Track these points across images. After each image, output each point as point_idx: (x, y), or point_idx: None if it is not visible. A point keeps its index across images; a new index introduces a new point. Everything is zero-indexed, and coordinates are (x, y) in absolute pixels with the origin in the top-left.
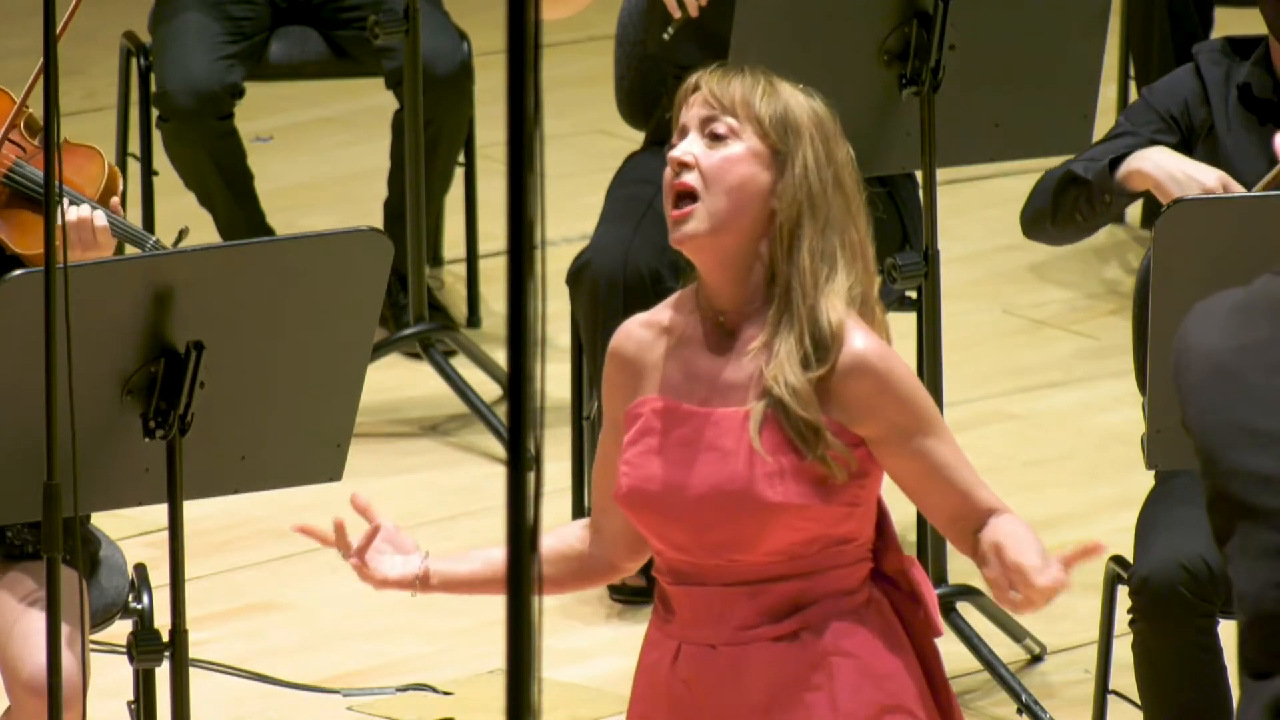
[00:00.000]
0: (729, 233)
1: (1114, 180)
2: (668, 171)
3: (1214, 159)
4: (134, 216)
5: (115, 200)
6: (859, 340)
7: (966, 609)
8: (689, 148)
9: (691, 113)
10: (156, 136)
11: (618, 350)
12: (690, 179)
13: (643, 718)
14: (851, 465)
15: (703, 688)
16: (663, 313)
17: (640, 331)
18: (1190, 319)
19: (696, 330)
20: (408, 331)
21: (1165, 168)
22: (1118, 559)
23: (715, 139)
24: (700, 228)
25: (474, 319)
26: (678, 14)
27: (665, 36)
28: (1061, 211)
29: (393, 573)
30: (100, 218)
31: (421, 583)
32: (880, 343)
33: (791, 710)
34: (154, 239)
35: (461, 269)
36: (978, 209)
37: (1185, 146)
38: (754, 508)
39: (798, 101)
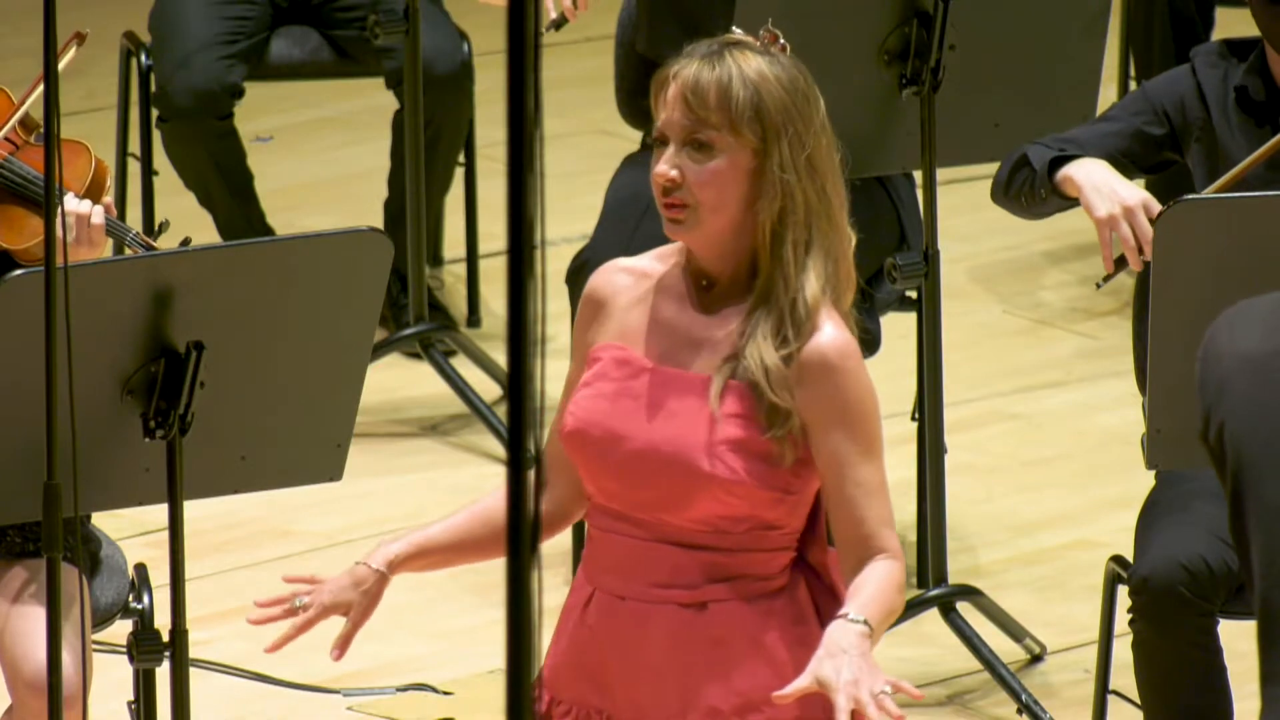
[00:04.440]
0: (718, 226)
1: (1051, 181)
2: (655, 172)
3: (1212, 159)
4: (134, 216)
5: (109, 200)
6: (828, 331)
7: (966, 609)
8: (673, 163)
9: (672, 117)
10: (156, 136)
11: (593, 290)
12: (679, 195)
13: (554, 661)
14: (799, 449)
15: (606, 637)
16: (647, 261)
17: (619, 276)
18: (1220, 324)
19: (678, 286)
20: (408, 331)
21: (1093, 179)
22: (1118, 559)
23: (698, 149)
24: (693, 231)
25: (474, 319)
26: (554, 15)
27: (545, 32)
28: (1011, 189)
29: (341, 595)
30: (98, 214)
31: (391, 569)
32: (847, 339)
33: (685, 678)
34: (134, 231)
35: (461, 269)
36: (978, 209)
37: (1174, 142)
38: (686, 473)
39: (770, 89)
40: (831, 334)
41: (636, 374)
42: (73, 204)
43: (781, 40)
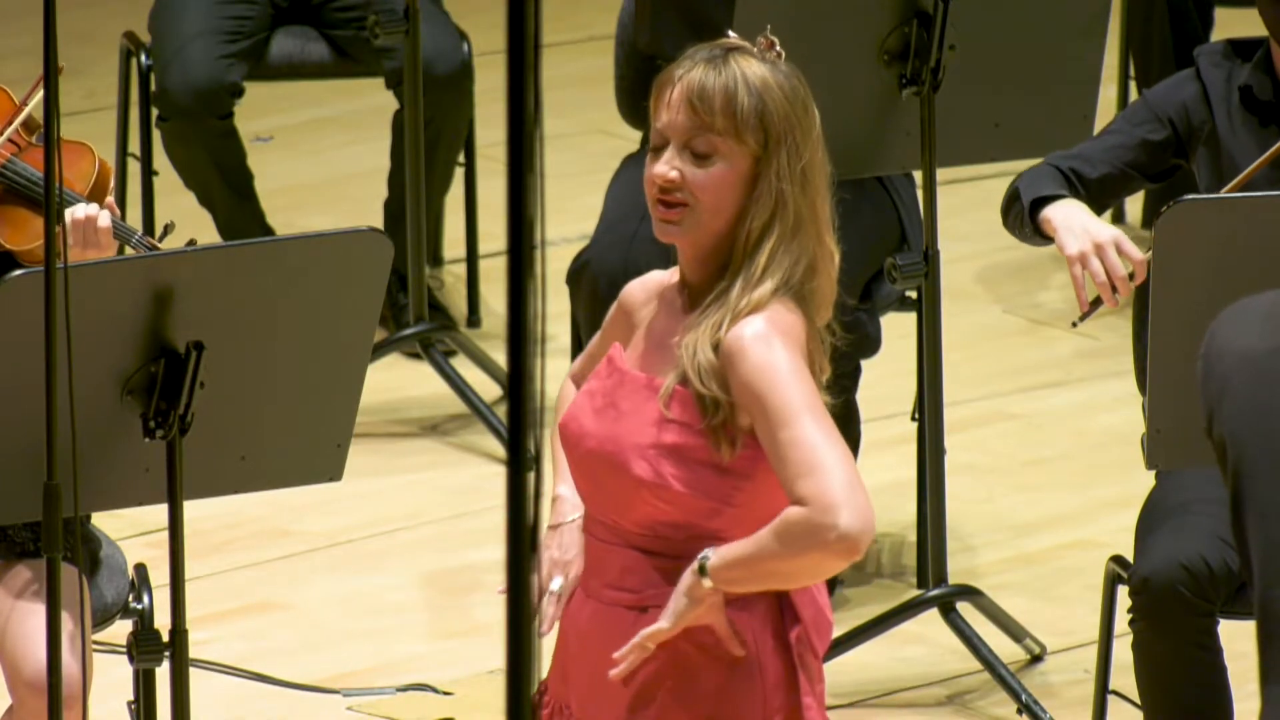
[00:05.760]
0: (713, 229)
1: (1034, 222)
2: (653, 173)
3: (1216, 161)
4: (134, 216)
5: (111, 200)
6: (752, 323)
7: (966, 609)
8: (673, 165)
9: (675, 120)
10: (156, 136)
11: (622, 298)
12: (679, 195)
13: (554, 654)
14: (737, 448)
15: (572, 633)
16: (669, 274)
17: (644, 287)
18: (1220, 323)
19: (671, 295)
20: (408, 331)
21: (1068, 221)
22: (1118, 559)
23: (699, 153)
24: (687, 233)
25: (474, 319)
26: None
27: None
28: (1008, 218)
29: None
30: (105, 218)
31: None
32: (762, 327)
33: (619, 682)
34: (139, 233)
35: (461, 269)
36: (978, 209)
37: (1179, 147)
38: (622, 476)
39: (773, 96)
40: (752, 326)
41: (611, 374)
42: (80, 209)
43: (778, 48)
